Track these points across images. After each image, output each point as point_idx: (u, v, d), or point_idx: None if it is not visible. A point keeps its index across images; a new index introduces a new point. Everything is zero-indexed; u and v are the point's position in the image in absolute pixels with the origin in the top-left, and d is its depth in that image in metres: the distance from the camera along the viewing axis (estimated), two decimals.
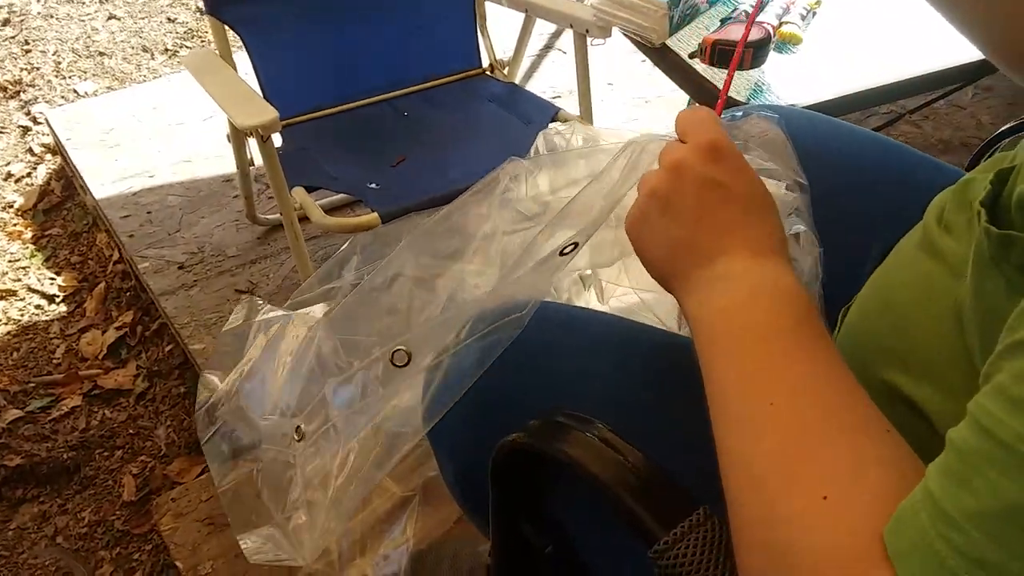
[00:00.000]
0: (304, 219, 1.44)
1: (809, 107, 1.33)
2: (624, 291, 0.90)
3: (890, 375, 0.60)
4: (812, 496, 0.42)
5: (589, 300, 0.92)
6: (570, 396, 0.69)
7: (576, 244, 0.63)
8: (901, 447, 0.46)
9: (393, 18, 1.70)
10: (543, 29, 2.15)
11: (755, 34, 1.41)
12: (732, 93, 1.35)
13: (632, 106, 2.29)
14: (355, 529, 1.25)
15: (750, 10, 1.55)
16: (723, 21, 1.57)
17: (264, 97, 1.62)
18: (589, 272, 0.90)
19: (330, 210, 1.77)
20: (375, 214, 1.33)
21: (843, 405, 0.47)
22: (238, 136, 1.58)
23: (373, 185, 1.47)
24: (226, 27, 1.59)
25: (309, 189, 1.49)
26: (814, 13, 1.62)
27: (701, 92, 1.40)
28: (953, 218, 0.60)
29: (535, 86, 2.29)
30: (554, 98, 2.18)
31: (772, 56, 1.46)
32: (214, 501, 1.40)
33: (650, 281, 0.62)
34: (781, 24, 1.55)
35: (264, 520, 0.72)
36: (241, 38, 1.59)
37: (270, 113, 1.29)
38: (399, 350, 0.64)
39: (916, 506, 0.39)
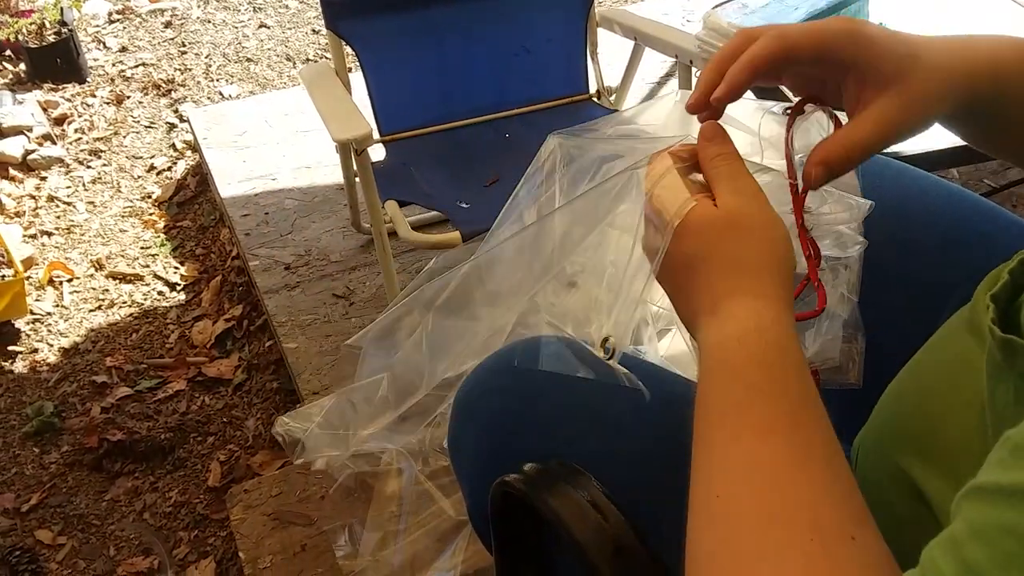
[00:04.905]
0: (394, 233, 1.47)
1: (909, 157, 1.25)
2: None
3: (906, 462, 0.56)
4: None
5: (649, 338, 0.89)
6: (578, 440, 0.67)
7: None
8: (865, 560, 0.39)
9: (506, 39, 1.72)
10: (665, 58, 2.12)
11: None
12: None
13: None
14: (407, 548, 1.26)
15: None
16: None
17: (374, 112, 1.67)
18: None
19: (427, 226, 1.80)
20: (457, 232, 1.35)
21: (803, 500, 0.41)
22: (345, 147, 1.64)
23: (463, 204, 1.49)
24: (343, 43, 1.65)
25: (403, 204, 1.52)
26: None
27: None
28: None
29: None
30: None
31: None
32: (283, 497, 1.44)
33: None
34: None
35: None
36: (356, 53, 1.65)
37: (363, 128, 1.33)
38: None
39: None
